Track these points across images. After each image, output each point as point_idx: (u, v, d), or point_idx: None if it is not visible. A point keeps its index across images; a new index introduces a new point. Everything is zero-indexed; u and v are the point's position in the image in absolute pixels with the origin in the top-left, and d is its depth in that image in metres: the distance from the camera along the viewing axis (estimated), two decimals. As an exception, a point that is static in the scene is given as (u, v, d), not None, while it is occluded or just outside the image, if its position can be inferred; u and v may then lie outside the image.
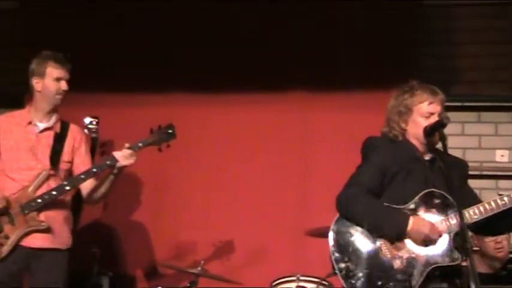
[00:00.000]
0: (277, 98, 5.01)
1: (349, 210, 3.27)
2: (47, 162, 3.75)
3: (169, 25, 5.14)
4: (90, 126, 4.57)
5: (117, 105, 5.09)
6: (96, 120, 4.59)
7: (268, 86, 4.98)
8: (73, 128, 3.92)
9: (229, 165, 5.02)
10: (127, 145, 3.70)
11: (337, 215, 3.33)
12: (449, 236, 3.20)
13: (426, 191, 3.26)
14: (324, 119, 4.98)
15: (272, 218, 4.91)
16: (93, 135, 4.55)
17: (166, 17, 5.12)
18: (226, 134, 5.05)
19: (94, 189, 3.81)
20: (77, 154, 3.87)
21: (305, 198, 4.93)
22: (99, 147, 4.61)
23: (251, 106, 5.04)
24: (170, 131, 3.78)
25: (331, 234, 3.27)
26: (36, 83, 3.81)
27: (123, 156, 3.64)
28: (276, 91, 5.00)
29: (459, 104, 4.96)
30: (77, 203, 4.42)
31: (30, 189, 3.67)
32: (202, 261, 4.38)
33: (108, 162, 3.68)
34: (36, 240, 3.66)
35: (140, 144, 3.71)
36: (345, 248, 3.23)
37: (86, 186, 3.80)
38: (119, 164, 3.66)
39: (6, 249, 3.61)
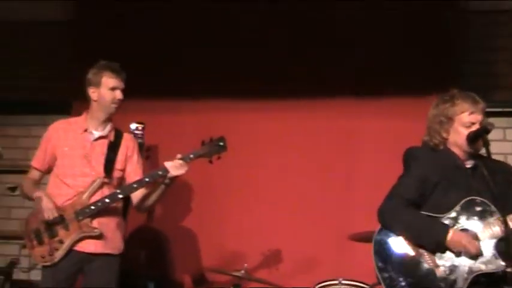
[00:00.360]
0: (321, 105, 5.03)
1: (390, 222, 3.31)
2: (101, 170, 3.82)
3: (216, 31, 5.22)
4: (136, 131, 4.72)
5: (162, 111, 5.17)
6: (142, 125, 4.77)
7: (313, 93, 5.00)
8: (126, 137, 4.00)
9: (274, 171, 5.04)
10: (179, 156, 3.74)
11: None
12: (493, 243, 3.20)
13: (467, 198, 3.26)
14: (368, 126, 4.98)
15: (316, 222, 4.93)
16: (139, 140, 4.67)
17: (214, 25, 5.22)
18: (272, 141, 5.08)
19: (145, 198, 3.87)
20: (129, 162, 3.94)
21: (349, 204, 4.93)
22: (144, 152, 4.70)
23: (296, 113, 5.07)
24: (221, 144, 3.81)
25: (374, 244, 3.30)
26: (92, 92, 3.89)
27: (174, 167, 3.70)
28: (321, 98, 5.02)
29: (500, 109, 4.94)
30: (124, 208, 4.57)
31: (85, 196, 3.75)
32: (246, 264, 4.42)
33: (160, 173, 3.73)
34: (89, 245, 3.74)
35: (191, 156, 3.76)
36: (387, 257, 3.26)
37: (137, 195, 3.86)
38: (170, 175, 3.71)
39: (60, 253, 3.70)
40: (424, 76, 4.86)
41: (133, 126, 4.73)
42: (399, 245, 3.28)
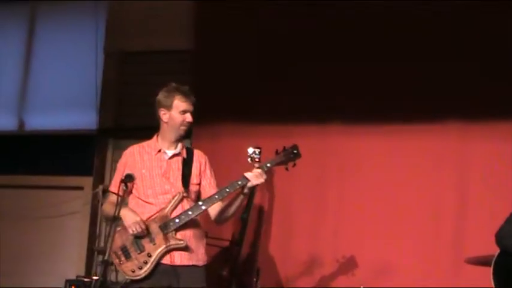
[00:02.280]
0: (433, 128, 4.99)
1: (508, 247, 3.26)
2: (179, 185, 3.88)
3: (329, 56, 5.28)
4: (253, 155, 4.76)
5: (277, 136, 5.15)
6: (259, 150, 4.63)
7: (424, 116, 4.98)
8: (197, 153, 4.04)
9: (384, 194, 5.04)
10: (256, 165, 3.82)
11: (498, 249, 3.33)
12: None
13: None
14: (480, 149, 4.89)
15: (429, 246, 4.88)
16: (256, 164, 4.77)
17: (317, 50, 5.30)
18: (382, 164, 5.08)
19: (223, 210, 3.91)
20: (204, 177, 3.98)
21: (461, 228, 4.84)
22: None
23: (407, 136, 5.05)
24: (295, 151, 3.87)
25: (493, 267, 3.27)
26: (163, 114, 3.94)
27: (254, 176, 3.77)
28: (432, 121, 4.99)
29: None
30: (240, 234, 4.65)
31: (167, 210, 3.81)
32: (362, 286, 4.46)
33: (239, 182, 3.77)
34: (175, 258, 3.79)
35: (268, 165, 3.84)
36: (507, 281, 3.22)
37: (215, 208, 3.89)
38: (250, 184, 3.76)
39: (149, 266, 3.75)
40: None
41: (250, 150, 4.71)
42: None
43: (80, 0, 6.26)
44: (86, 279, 5.10)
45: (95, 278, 4.83)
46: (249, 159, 4.69)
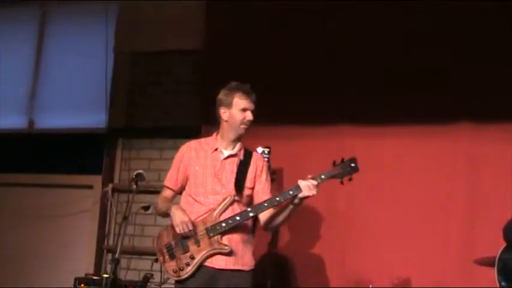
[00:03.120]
0: (445, 129, 4.96)
1: None
2: (231, 188, 3.84)
3: (337, 59, 5.27)
4: (262, 155, 4.72)
5: (287, 136, 5.29)
6: (268, 149, 4.87)
7: (436, 117, 4.96)
8: (256, 156, 4.02)
9: (394, 196, 5.00)
10: (310, 176, 3.69)
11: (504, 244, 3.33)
12: None
13: None
14: (492, 151, 4.85)
15: (438, 247, 4.86)
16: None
17: (337, 51, 5.30)
18: (393, 166, 5.05)
19: (273, 218, 3.85)
20: (258, 181, 3.93)
21: (471, 230, 4.81)
22: (270, 175, 4.70)
23: (418, 138, 5.03)
24: (353, 165, 3.73)
25: (497, 262, 3.27)
26: (223, 113, 3.91)
27: (307, 187, 3.64)
28: (444, 123, 4.96)
29: None
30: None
31: (216, 212, 3.78)
32: (371, 285, 4.40)
33: (291, 192, 3.69)
34: (219, 261, 3.76)
35: (323, 177, 3.70)
36: (510, 276, 3.21)
37: (265, 214, 3.84)
38: (301, 194, 3.66)
39: (191, 268, 3.74)
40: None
41: (259, 149, 4.81)
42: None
43: (91, 0, 6.29)
44: (95, 277, 5.12)
45: (104, 276, 4.71)
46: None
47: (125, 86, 6.13)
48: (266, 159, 4.83)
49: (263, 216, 3.86)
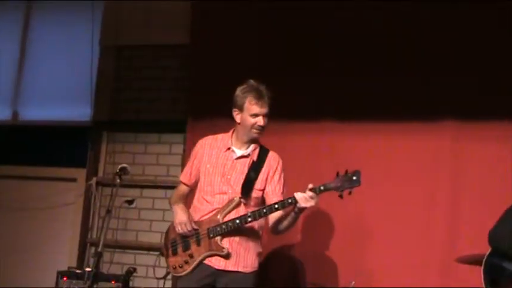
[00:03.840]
0: (427, 127, 4.95)
1: (500, 247, 3.27)
2: (238, 190, 3.80)
3: (327, 53, 5.25)
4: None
5: (275, 132, 5.00)
6: None
7: (419, 114, 4.95)
8: (270, 157, 3.92)
9: (377, 193, 4.97)
10: (310, 186, 3.66)
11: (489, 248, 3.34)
12: None
13: None
14: (476, 149, 4.84)
15: (421, 244, 4.84)
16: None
17: (325, 45, 5.27)
18: (375, 163, 5.00)
19: (279, 221, 3.83)
20: (270, 182, 3.87)
21: (455, 228, 4.80)
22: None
23: (402, 135, 5.02)
24: (355, 178, 3.66)
25: (484, 265, 3.26)
26: (236, 115, 3.87)
27: (303, 198, 3.61)
28: (427, 120, 4.95)
29: None
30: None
31: (220, 213, 3.78)
32: (353, 282, 4.37)
33: (289, 201, 3.67)
34: (219, 262, 3.79)
35: (322, 188, 3.66)
36: (498, 281, 3.22)
37: (273, 216, 3.80)
38: (298, 205, 3.64)
39: (189, 267, 3.81)
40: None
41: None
42: (510, 269, 3.22)
43: (76, -8, 6.25)
44: (78, 271, 5.10)
45: (87, 269, 4.83)
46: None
47: (110, 80, 6.10)
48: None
49: (271, 219, 3.84)
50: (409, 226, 4.91)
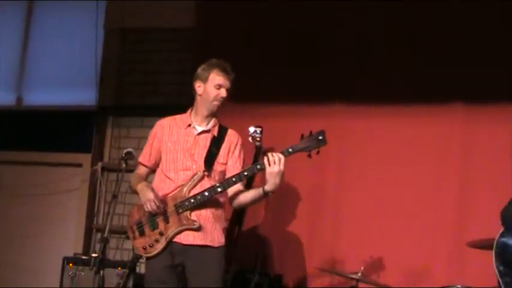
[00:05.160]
0: (438, 109, 4.92)
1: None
2: (202, 164, 3.83)
3: (329, 37, 5.24)
4: (254, 135, 4.79)
5: (280, 116, 5.24)
6: (260, 129, 4.82)
7: (428, 97, 4.92)
8: (230, 133, 3.98)
9: (386, 177, 4.97)
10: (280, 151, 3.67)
11: (502, 228, 3.30)
12: None
13: None
14: (487, 132, 4.82)
15: (430, 229, 4.83)
16: (257, 143, 4.76)
17: (327, 30, 5.26)
18: (385, 146, 5.01)
19: (238, 195, 3.86)
20: (231, 157, 3.91)
21: (464, 211, 4.78)
22: (261, 155, 4.63)
23: (410, 118, 4.99)
24: (321, 137, 3.68)
25: (496, 247, 3.23)
26: (198, 87, 3.92)
27: (271, 162, 3.60)
28: (436, 103, 4.91)
29: None
30: (239, 214, 4.80)
31: (185, 189, 3.78)
32: (362, 268, 4.37)
33: (258, 167, 3.70)
34: (188, 237, 3.77)
35: (290, 150, 3.66)
36: (510, 261, 3.18)
37: (233, 190, 3.84)
38: (267, 170, 3.61)
39: (160, 245, 3.76)
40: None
41: (251, 129, 4.79)
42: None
43: (81, -24, 6.19)
44: (84, 257, 5.11)
45: (93, 255, 4.63)
46: (250, 139, 4.74)
47: (115, 63, 6.07)
48: (258, 139, 4.80)
49: (230, 192, 3.85)
50: (418, 211, 4.90)
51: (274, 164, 3.60)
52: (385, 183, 4.99)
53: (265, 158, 3.62)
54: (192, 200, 3.74)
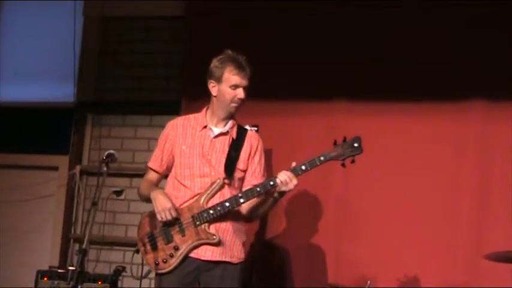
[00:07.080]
0: (455, 107, 4.77)
1: None
2: (221, 170, 3.68)
3: (331, 32, 5.08)
4: None
5: (277, 114, 5.08)
6: (256, 128, 4.65)
7: (446, 95, 4.77)
8: (250, 135, 3.85)
9: (399, 178, 4.80)
10: (292, 165, 3.56)
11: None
12: None
13: None
14: (506, 132, 4.64)
15: (445, 238, 4.64)
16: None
17: (329, 25, 5.09)
18: (398, 146, 4.84)
19: (255, 207, 3.72)
20: (251, 163, 3.77)
21: (482, 220, 4.61)
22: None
23: (423, 116, 4.82)
24: (356, 145, 3.57)
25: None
26: (212, 87, 3.74)
27: (280, 182, 3.52)
28: (454, 100, 4.77)
29: None
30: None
31: (203, 198, 3.63)
32: (369, 282, 4.19)
33: (271, 183, 3.58)
34: (205, 252, 3.62)
35: (322, 158, 3.57)
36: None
37: (248, 203, 3.71)
38: (278, 189, 3.55)
39: (175, 261, 3.60)
40: None
41: (247, 127, 4.49)
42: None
43: (57, -41, 6.07)
44: (60, 270, 4.89)
45: (70, 268, 4.65)
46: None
47: (96, 55, 5.88)
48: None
49: (246, 205, 3.71)
50: (432, 218, 4.71)
51: (285, 185, 3.53)
52: (396, 187, 4.80)
53: (278, 180, 3.54)
54: (212, 212, 3.59)
